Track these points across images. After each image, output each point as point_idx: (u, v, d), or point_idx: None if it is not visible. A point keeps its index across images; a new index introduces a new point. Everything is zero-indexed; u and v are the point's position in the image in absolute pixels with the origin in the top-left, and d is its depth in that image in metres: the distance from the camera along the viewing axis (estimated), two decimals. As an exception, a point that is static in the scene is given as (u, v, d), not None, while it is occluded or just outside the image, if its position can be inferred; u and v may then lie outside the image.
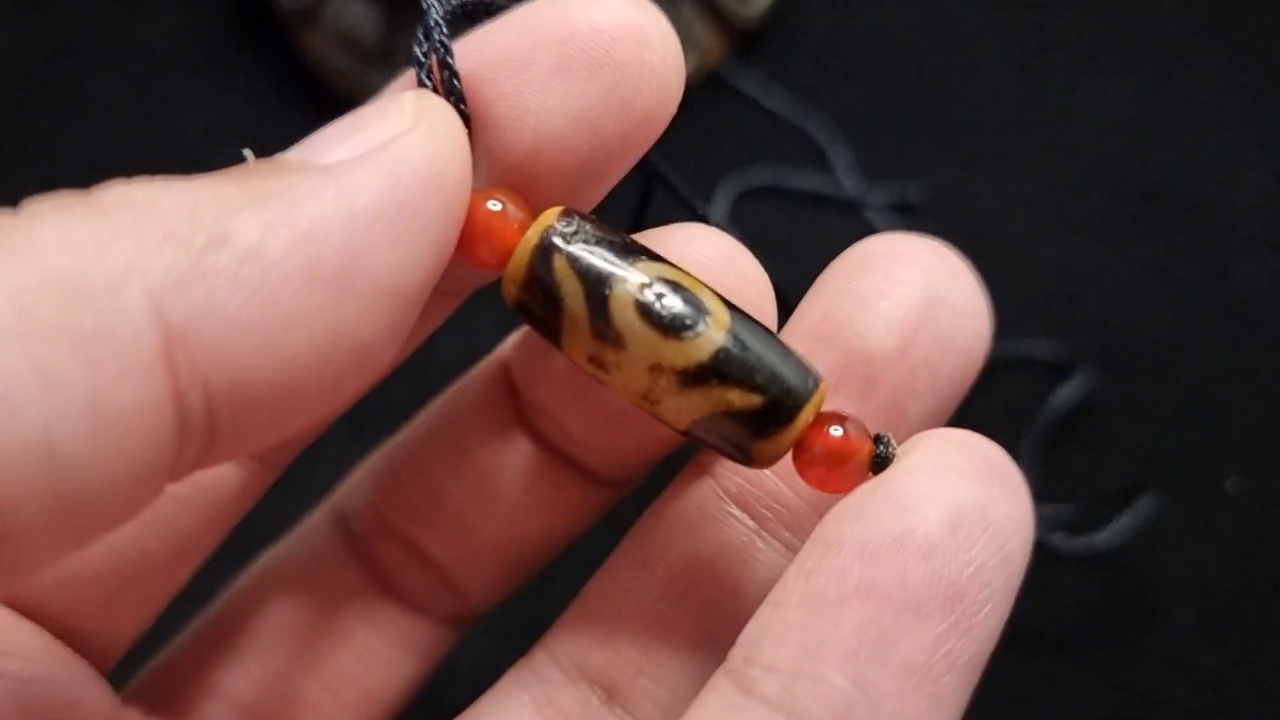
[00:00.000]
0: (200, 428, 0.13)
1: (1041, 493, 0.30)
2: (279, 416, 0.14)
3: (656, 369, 0.16)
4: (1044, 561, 0.28)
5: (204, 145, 0.35)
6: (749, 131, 0.35)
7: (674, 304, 0.16)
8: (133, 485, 0.13)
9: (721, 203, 0.34)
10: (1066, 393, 0.31)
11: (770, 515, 0.18)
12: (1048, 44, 0.37)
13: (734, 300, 0.17)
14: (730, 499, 0.19)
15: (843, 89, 0.36)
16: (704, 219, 0.19)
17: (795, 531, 0.19)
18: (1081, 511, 0.28)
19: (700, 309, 0.16)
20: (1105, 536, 0.27)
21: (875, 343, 0.18)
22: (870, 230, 0.33)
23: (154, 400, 0.13)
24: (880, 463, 0.16)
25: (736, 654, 0.15)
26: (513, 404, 0.20)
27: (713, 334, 0.16)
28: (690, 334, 0.16)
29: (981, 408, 0.31)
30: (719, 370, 0.16)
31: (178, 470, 0.14)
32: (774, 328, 0.18)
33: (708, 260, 0.18)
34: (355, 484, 0.22)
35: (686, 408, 0.16)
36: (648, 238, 0.18)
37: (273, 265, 0.13)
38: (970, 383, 0.19)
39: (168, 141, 0.35)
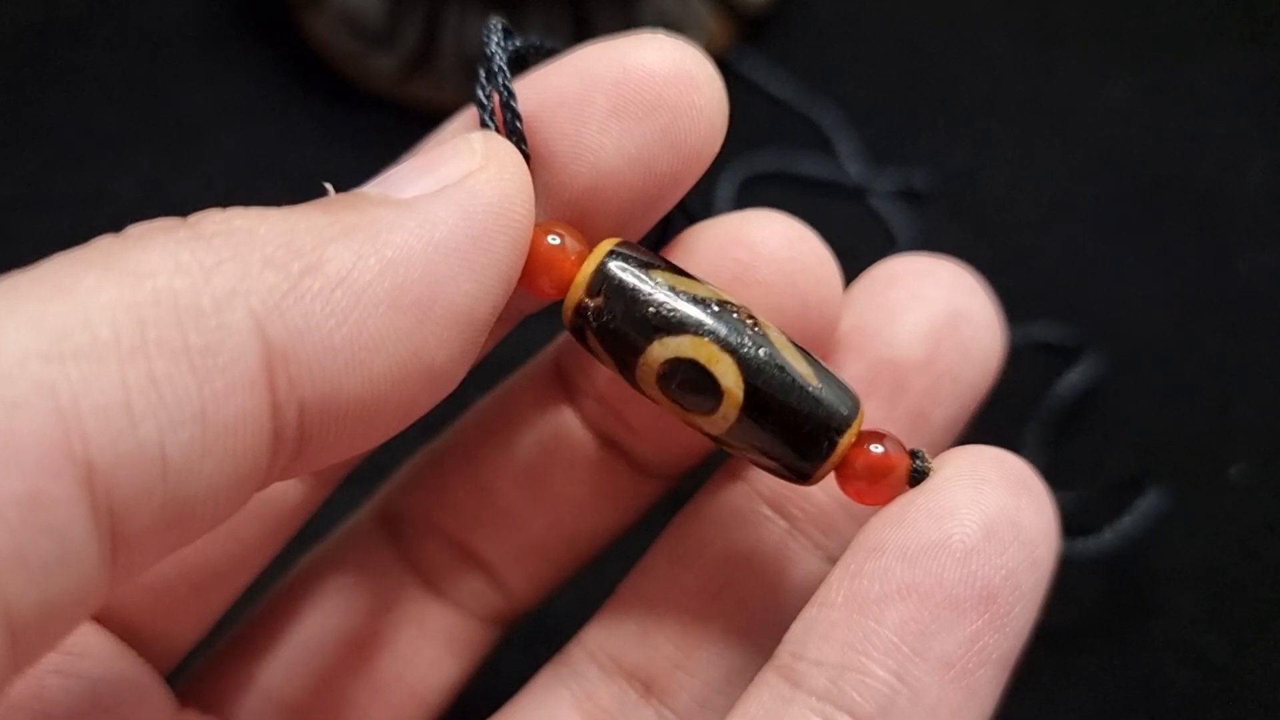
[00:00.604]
0: (292, 440, 0.14)
1: (1047, 479, 0.30)
2: (360, 431, 0.15)
3: (688, 423, 0.17)
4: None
5: (206, 127, 0.34)
6: (755, 117, 0.35)
7: (687, 389, 0.17)
8: (231, 493, 0.14)
9: (727, 188, 0.34)
10: (1073, 378, 0.31)
11: (802, 515, 0.19)
12: (1055, 32, 0.36)
13: (797, 289, 0.18)
14: (763, 500, 0.19)
15: (849, 75, 0.36)
16: None
17: (826, 531, 0.19)
18: (1086, 504, 0.28)
19: (714, 393, 0.17)
20: (1109, 539, 0.27)
21: (904, 352, 0.19)
22: (876, 216, 0.34)
23: (255, 413, 0.14)
24: (918, 477, 0.17)
25: (784, 650, 0.16)
26: (565, 400, 0.20)
27: (726, 412, 0.17)
28: (705, 413, 0.17)
29: (989, 392, 0.31)
30: (736, 440, 0.17)
31: (268, 479, 0.15)
32: (839, 309, 0.19)
33: (772, 246, 0.18)
34: (401, 483, 0.22)
35: (726, 446, 0.17)
36: (718, 224, 0.19)
37: (362, 291, 0.14)
38: (986, 391, 0.20)
39: (171, 124, 0.34)
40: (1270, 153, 0.34)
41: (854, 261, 0.22)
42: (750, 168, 0.34)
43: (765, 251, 0.18)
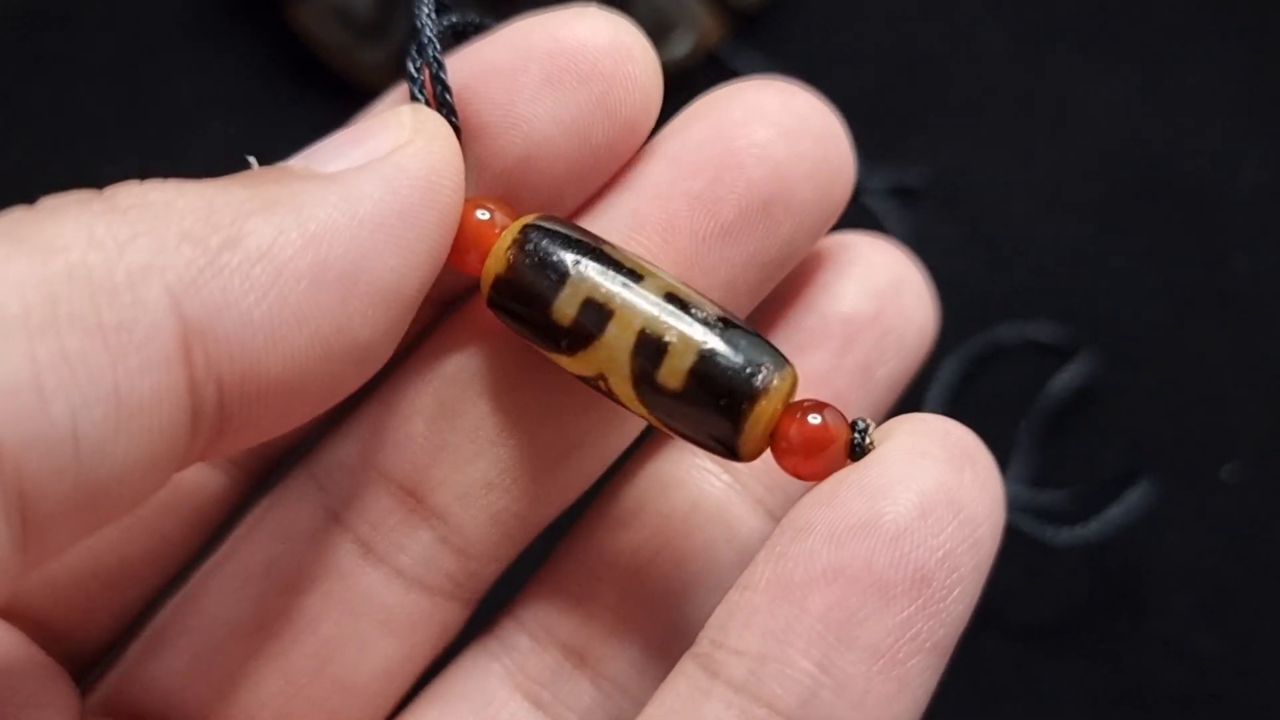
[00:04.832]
0: (211, 419, 0.14)
1: (1039, 478, 0.30)
2: (283, 410, 0.15)
3: (610, 396, 0.17)
4: (1041, 549, 0.28)
5: (194, 118, 0.34)
6: (747, 113, 0.35)
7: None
8: (148, 473, 0.13)
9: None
10: (1066, 376, 0.30)
11: (745, 470, 0.19)
12: (1049, 29, 0.36)
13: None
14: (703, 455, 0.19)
15: (842, 72, 0.36)
16: None
17: (769, 487, 0.19)
18: (1077, 498, 0.28)
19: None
20: (1096, 528, 0.27)
21: (853, 306, 0.19)
22: (868, 214, 0.33)
23: (172, 391, 0.13)
24: (858, 451, 0.16)
25: (704, 637, 0.15)
26: None
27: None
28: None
29: (982, 392, 0.31)
30: (661, 414, 0.16)
31: (187, 459, 0.14)
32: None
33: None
34: (329, 438, 0.19)
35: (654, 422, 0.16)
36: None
37: (283, 266, 0.14)
38: (921, 360, 0.20)
39: (158, 113, 0.34)
40: (1264, 151, 0.34)
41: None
42: (743, 163, 0.34)
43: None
